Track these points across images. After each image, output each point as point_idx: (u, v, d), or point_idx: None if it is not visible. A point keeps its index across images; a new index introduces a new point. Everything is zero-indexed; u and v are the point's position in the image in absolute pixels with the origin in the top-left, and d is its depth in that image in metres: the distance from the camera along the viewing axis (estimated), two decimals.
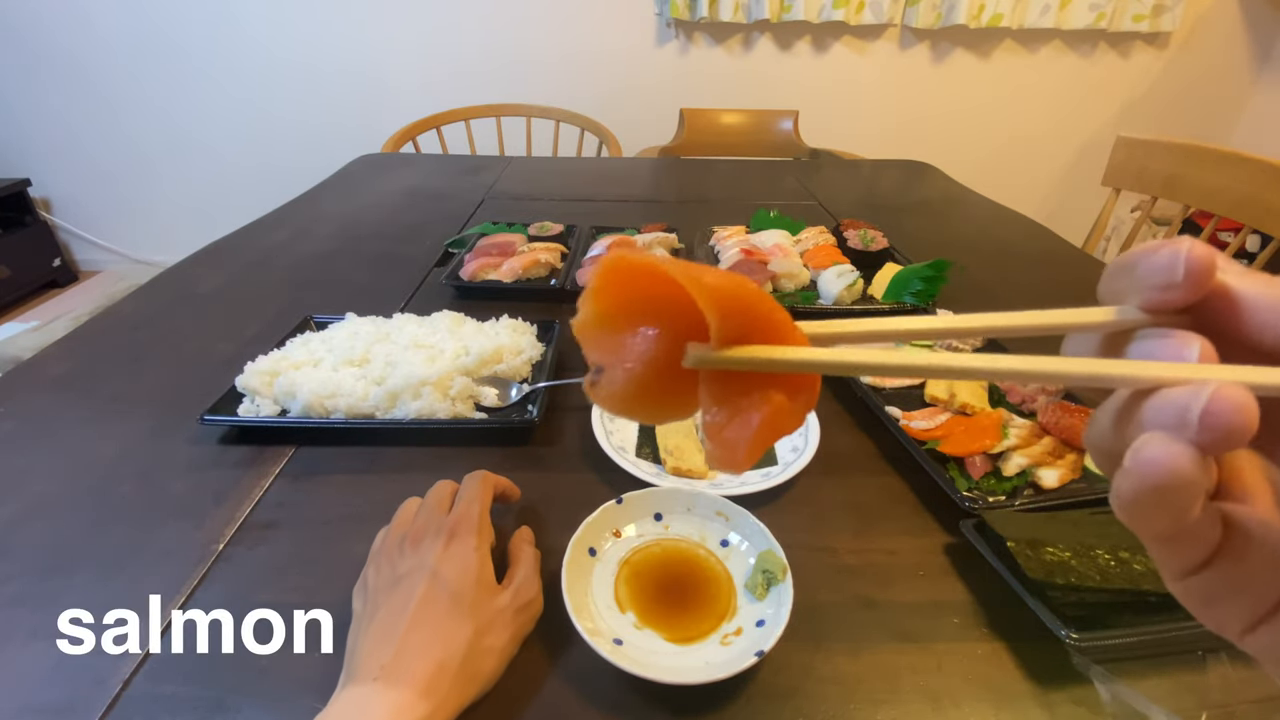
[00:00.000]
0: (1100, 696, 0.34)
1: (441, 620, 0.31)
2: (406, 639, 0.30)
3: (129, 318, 0.74)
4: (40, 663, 0.36)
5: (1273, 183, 0.94)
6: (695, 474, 0.49)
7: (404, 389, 0.53)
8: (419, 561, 0.34)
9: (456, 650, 0.30)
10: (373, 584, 0.35)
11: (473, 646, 0.31)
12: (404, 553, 0.35)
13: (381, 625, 0.31)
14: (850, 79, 2.32)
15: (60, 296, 2.47)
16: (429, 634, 0.30)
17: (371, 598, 0.34)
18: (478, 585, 0.33)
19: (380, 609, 0.32)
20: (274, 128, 2.38)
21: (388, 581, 0.34)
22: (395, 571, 0.34)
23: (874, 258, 0.84)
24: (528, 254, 0.82)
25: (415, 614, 0.31)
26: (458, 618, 0.32)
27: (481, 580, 0.34)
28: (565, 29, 2.22)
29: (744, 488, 0.47)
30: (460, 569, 0.33)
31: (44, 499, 0.47)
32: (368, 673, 0.29)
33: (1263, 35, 2.28)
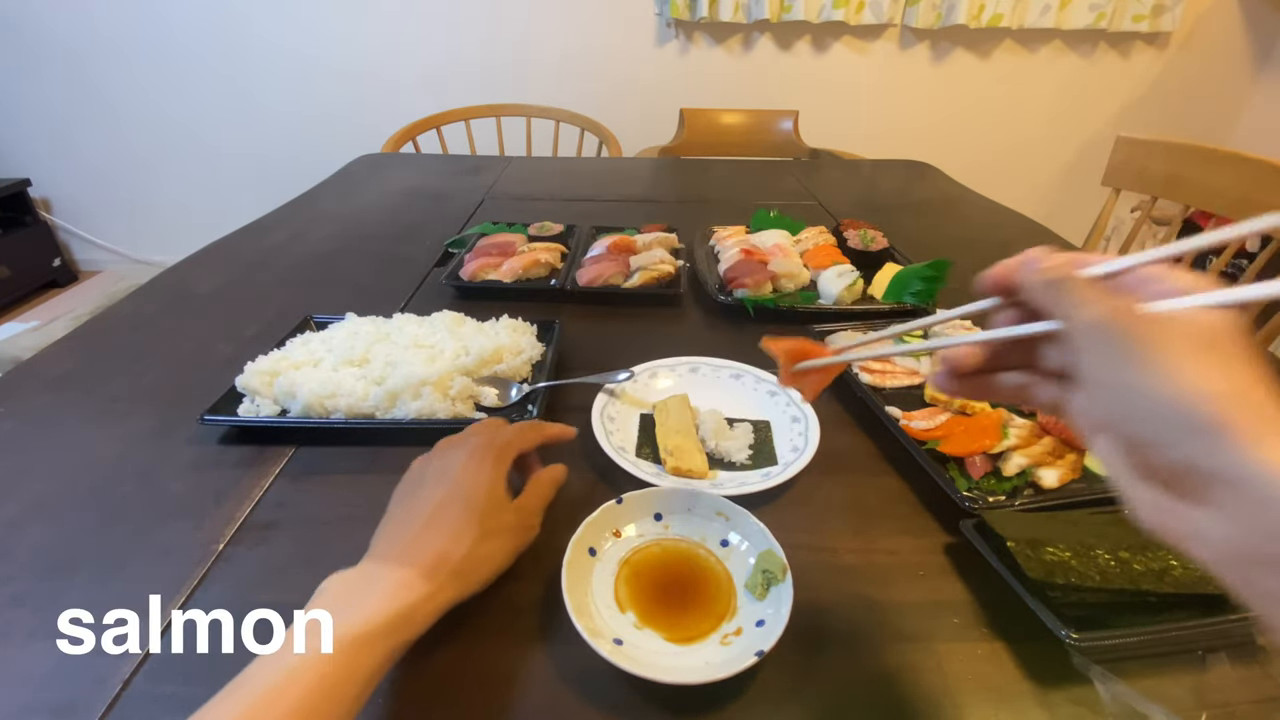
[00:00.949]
0: (1100, 696, 0.34)
1: (452, 520, 0.36)
2: (420, 532, 0.35)
3: (129, 318, 0.74)
4: (40, 663, 0.36)
5: (1273, 183, 0.94)
6: (695, 474, 0.49)
7: (404, 389, 0.53)
8: (444, 469, 0.39)
9: (459, 548, 0.35)
10: (408, 479, 0.41)
11: (474, 548, 0.36)
12: (433, 462, 0.41)
13: (402, 517, 0.37)
14: (850, 79, 2.32)
15: (60, 296, 2.47)
16: (439, 530, 0.35)
17: (400, 496, 0.39)
18: (488, 498, 0.38)
19: (403, 505, 0.38)
20: (274, 128, 2.38)
21: (414, 484, 0.40)
22: (423, 475, 0.40)
23: (874, 258, 0.84)
24: (528, 254, 0.82)
25: (432, 512, 0.36)
26: (466, 521, 0.36)
27: (492, 495, 0.38)
28: (565, 29, 2.22)
29: (744, 488, 0.47)
30: (475, 482, 0.38)
31: (44, 499, 0.47)
32: (381, 553, 0.35)
33: (1263, 35, 2.28)
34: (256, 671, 0.29)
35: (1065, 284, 0.24)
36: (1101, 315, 0.23)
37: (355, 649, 0.29)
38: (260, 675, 0.28)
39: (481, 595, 0.40)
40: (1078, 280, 0.24)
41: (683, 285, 0.79)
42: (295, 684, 0.28)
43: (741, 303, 0.75)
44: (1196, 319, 0.22)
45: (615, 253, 0.83)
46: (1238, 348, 0.21)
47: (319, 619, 0.30)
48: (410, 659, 0.36)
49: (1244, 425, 0.20)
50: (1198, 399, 0.20)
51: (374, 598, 0.32)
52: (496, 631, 0.38)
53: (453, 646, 0.37)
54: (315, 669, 0.28)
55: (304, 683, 0.28)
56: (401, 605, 0.32)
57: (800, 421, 0.55)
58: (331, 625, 0.30)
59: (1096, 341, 0.23)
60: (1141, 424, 0.22)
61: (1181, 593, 0.37)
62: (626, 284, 0.78)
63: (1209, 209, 1.03)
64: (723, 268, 0.81)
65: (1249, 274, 0.99)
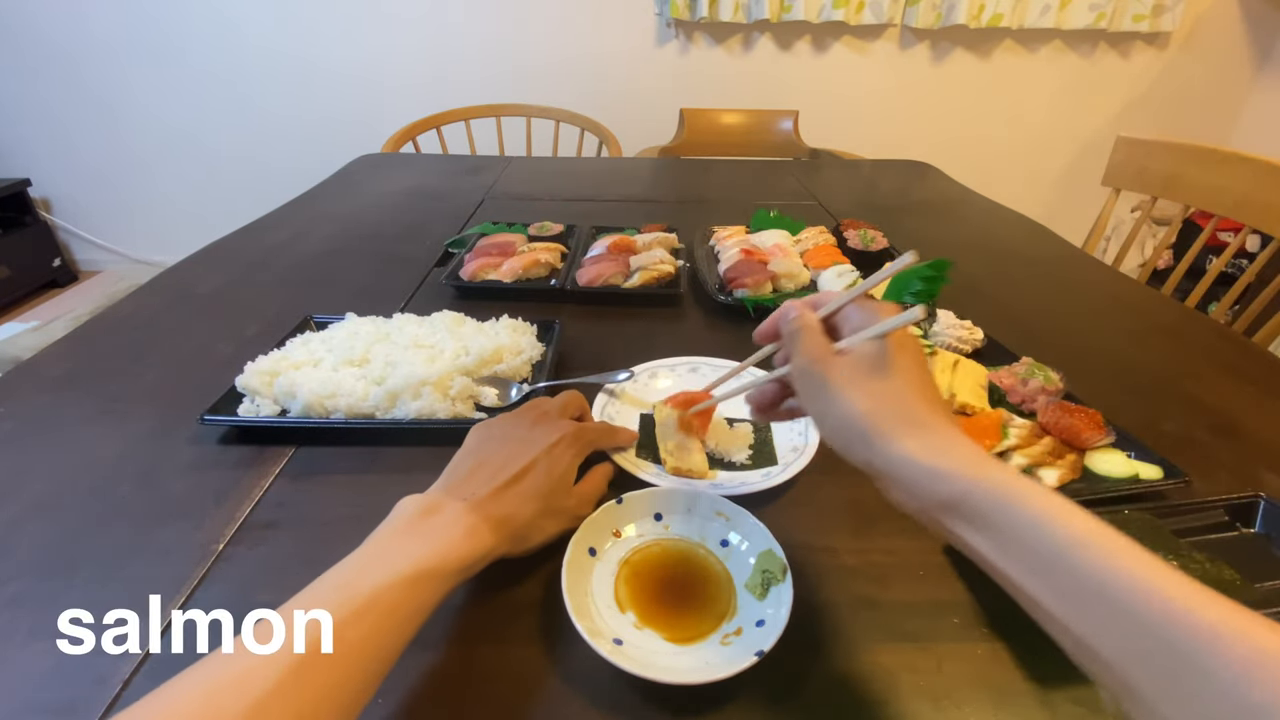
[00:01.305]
0: (1100, 696, 0.34)
1: (528, 488, 0.39)
2: (500, 487, 0.38)
3: (129, 318, 0.74)
4: (40, 663, 0.36)
5: (1273, 183, 0.94)
6: (695, 474, 0.49)
7: (404, 389, 0.53)
8: (534, 440, 0.42)
9: (525, 516, 0.38)
10: (497, 430, 0.43)
11: (535, 518, 0.39)
12: (530, 424, 0.44)
13: (486, 466, 0.40)
14: (850, 79, 2.32)
15: (60, 296, 2.47)
16: (516, 492, 0.39)
17: (490, 440, 0.43)
18: (560, 481, 0.41)
19: (495, 453, 0.41)
20: (274, 128, 2.38)
21: (503, 436, 0.43)
22: (517, 432, 0.43)
23: (874, 258, 0.84)
24: (528, 254, 0.82)
25: (516, 474, 0.39)
26: (536, 494, 0.39)
27: (565, 479, 0.42)
28: (565, 29, 2.22)
29: (744, 488, 0.47)
30: (557, 462, 0.41)
31: (44, 499, 0.47)
32: (458, 492, 0.38)
33: (1263, 35, 2.28)
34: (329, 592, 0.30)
35: (796, 335, 0.34)
36: (805, 361, 0.33)
37: (424, 582, 0.31)
38: (335, 599, 0.29)
39: (482, 595, 0.40)
40: (804, 329, 0.34)
41: (683, 285, 0.79)
42: (372, 609, 0.29)
43: (741, 303, 0.75)
44: (860, 352, 0.32)
45: (615, 253, 0.83)
46: (880, 372, 0.31)
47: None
48: (410, 659, 0.36)
49: (883, 429, 0.29)
50: (854, 416, 0.30)
51: (445, 537, 0.34)
52: (496, 631, 0.38)
53: (453, 646, 0.37)
54: (388, 598, 0.30)
55: (380, 609, 0.29)
56: (468, 552, 0.34)
57: (800, 420, 0.55)
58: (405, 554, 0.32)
59: (801, 380, 0.33)
60: (832, 435, 0.32)
61: None
62: (626, 284, 0.78)
63: (1209, 209, 1.03)
64: (723, 268, 0.81)
65: (1249, 273, 0.99)
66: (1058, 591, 0.24)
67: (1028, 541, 0.25)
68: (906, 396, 0.30)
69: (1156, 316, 0.81)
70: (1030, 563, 0.25)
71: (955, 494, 0.27)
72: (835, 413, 0.31)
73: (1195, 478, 0.47)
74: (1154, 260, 1.12)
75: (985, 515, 0.26)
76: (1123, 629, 0.22)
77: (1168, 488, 0.47)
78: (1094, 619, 0.23)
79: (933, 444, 0.29)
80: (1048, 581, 0.24)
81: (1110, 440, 0.50)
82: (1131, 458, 0.49)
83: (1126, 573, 0.23)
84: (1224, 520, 0.45)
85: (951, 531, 0.28)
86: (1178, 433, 0.57)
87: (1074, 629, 0.23)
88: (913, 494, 0.29)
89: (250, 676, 0.25)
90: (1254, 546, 0.43)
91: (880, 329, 0.32)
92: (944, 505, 0.28)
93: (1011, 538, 0.26)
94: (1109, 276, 0.92)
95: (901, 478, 0.29)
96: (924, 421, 0.30)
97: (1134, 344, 0.73)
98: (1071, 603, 0.24)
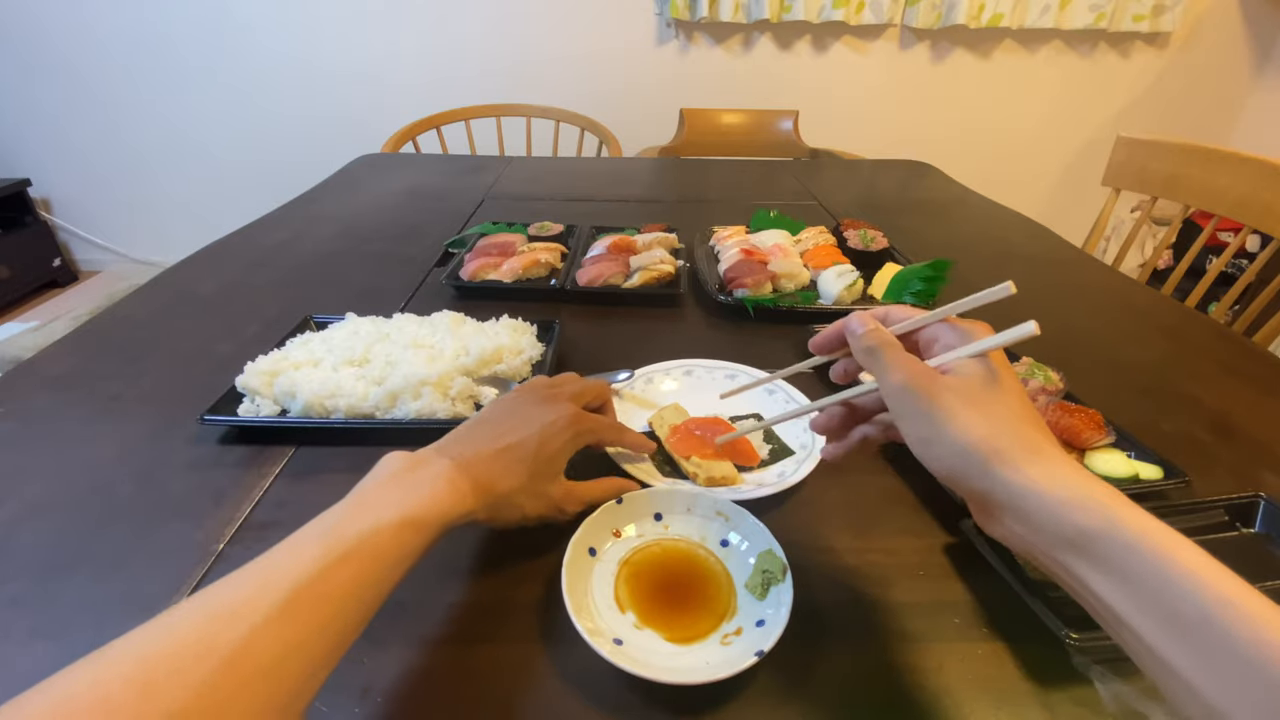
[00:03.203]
0: (1100, 696, 0.34)
1: (512, 460, 0.39)
2: (490, 453, 0.39)
3: (129, 318, 0.74)
4: (40, 663, 0.36)
5: (1273, 183, 0.94)
6: (730, 481, 0.48)
7: (404, 389, 0.53)
8: (538, 415, 0.42)
9: (506, 486, 0.38)
10: (508, 402, 0.44)
11: (513, 492, 0.39)
12: (538, 400, 0.44)
13: (483, 432, 0.40)
14: (850, 79, 2.32)
15: (60, 296, 2.47)
16: (503, 461, 0.39)
17: (498, 408, 0.43)
18: (547, 462, 0.41)
19: (489, 422, 0.41)
20: (274, 128, 2.38)
21: (509, 409, 0.43)
22: (523, 408, 0.43)
23: (874, 258, 0.84)
24: (528, 254, 0.82)
25: (507, 445, 0.39)
26: (521, 471, 0.39)
27: (553, 463, 0.41)
28: (565, 29, 2.22)
29: (759, 492, 0.47)
30: (546, 443, 0.41)
31: (44, 499, 0.47)
32: (451, 451, 0.38)
33: (1263, 35, 2.28)
34: (317, 537, 0.30)
35: (878, 351, 0.32)
36: (903, 380, 0.30)
37: (409, 530, 0.32)
38: (323, 542, 0.30)
39: (482, 595, 0.40)
40: (886, 346, 0.32)
41: (683, 285, 0.79)
42: (358, 553, 0.30)
43: (741, 303, 0.75)
44: (967, 372, 0.30)
45: (615, 253, 0.83)
46: (994, 393, 0.29)
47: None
48: (411, 658, 0.36)
49: (1005, 456, 0.27)
50: (971, 442, 0.28)
51: (429, 489, 0.34)
52: (496, 631, 0.38)
53: (453, 646, 0.37)
54: (373, 543, 0.30)
55: (365, 553, 0.30)
56: (449, 507, 0.34)
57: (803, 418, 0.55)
58: (391, 503, 0.33)
59: (902, 402, 0.30)
60: (940, 462, 0.29)
61: None
62: (626, 284, 0.78)
63: (1209, 209, 1.03)
64: (723, 268, 0.81)
65: (1249, 273, 0.99)
66: (1198, 654, 0.22)
67: (1170, 598, 0.23)
68: (1023, 420, 0.28)
69: (1156, 316, 0.81)
70: (1170, 622, 0.23)
71: (1089, 532, 0.25)
72: (947, 438, 0.28)
73: (1195, 478, 0.47)
74: (1154, 260, 1.12)
75: (1120, 561, 0.24)
76: (1269, 701, 0.20)
77: (1168, 488, 0.47)
78: (1235, 688, 0.21)
79: (1059, 475, 0.26)
80: (1187, 643, 0.22)
81: (1110, 440, 0.50)
82: (1131, 458, 0.49)
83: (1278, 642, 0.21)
84: (1224, 520, 0.45)
85: (1071, 572, 0.25)
86: (1177, 433, 0.57)
87: (1209, 695, 0.21)
88: (1036, 527, 0.26)
89: (244, 608, 0.26)
90: (1254, 546, 0.43)
91: (987, 344, 0.30)
92: (1072, 543, 0.25)
93: (1149, 590, 0.23)
94: (1109, 276, 0.92)
95: (1025, 509, 0.26)
96: (1043, 449, 0.28)
97: (1134, 344, 0.73)
98: (1211, 668, 0.22)
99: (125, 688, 0.22)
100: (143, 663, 0.23)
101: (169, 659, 0.24)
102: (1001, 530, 0.28)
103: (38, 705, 0.22)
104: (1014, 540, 0.28)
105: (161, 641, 0.24)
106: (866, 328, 0.33)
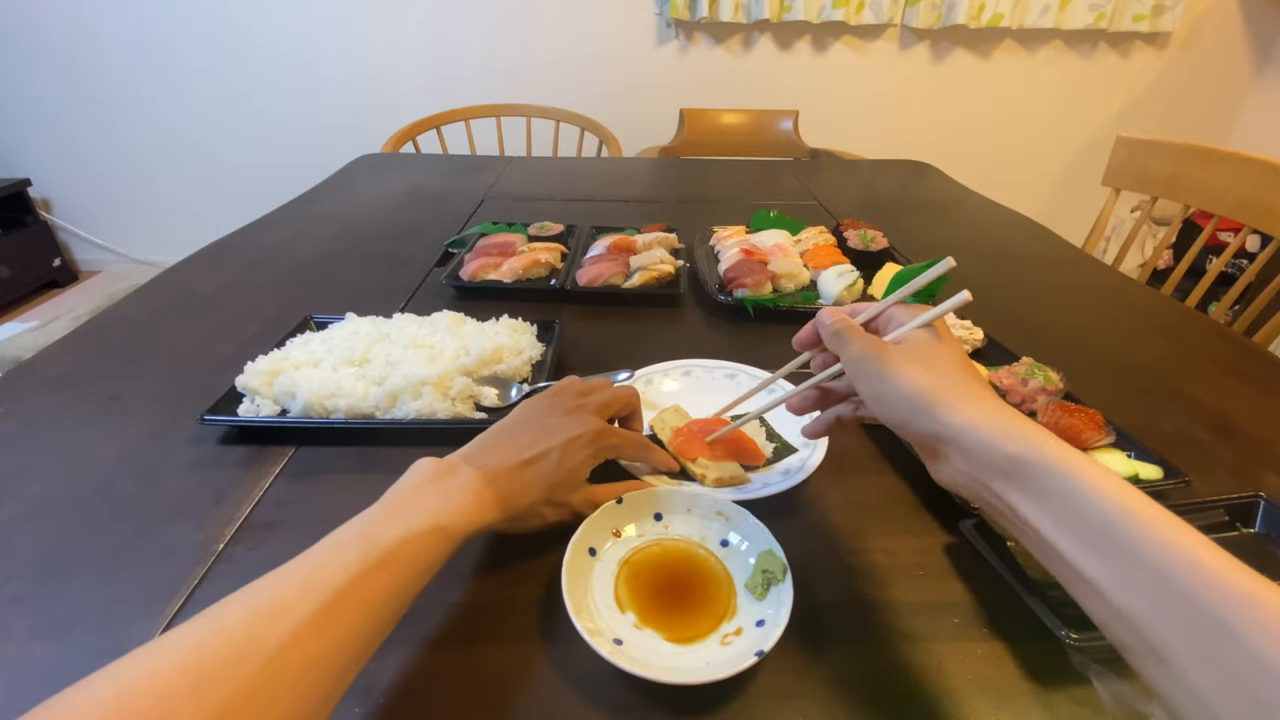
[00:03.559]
0: (1100, 696, 0.34)
1: (535, 475, 0.40)
2: (514, 468, 0.39)
3: (129, 318, 0.74)
4: (40, 663, 0.36)
5: (1273, 183, 0.94)
6: (738, 481, 0.48)
7: (404, 389, 0.53)
8: (563, 428, 0.42)
9: (528, 500, 0.39)
10: (535, 410, 0.44)
11: (535, 504, 0.40)
12: (565, 412, 0.44)
13: (510, 442, 0.41)
14: (850, 79, 2.32)
15: (60, 296, 2.47)
16: (526, 474, 0.40)
17: (524, 417, 0.44)
18: (569, 476, 0.41)
19: (516, 430, 0.42)
20: (274, 128, 2.38)
21: (534, 419, 0.43)
22: (548, 419, 0.43)
23: (874, 258, 0.84)
24: (528, 254, 0.82)
25: (530, 458, 0.40)
26: (543, 482, 0.40)
27: (575, 475, 0.42)
28: (565, 29, 2.22)
29: (767, 489, 0.47)
30: (568, 457, 0.41)
31: (44, 499, 0.47)
32: (478, 460, 0.39)
33: (1263, 35, 2.28)
34: (353, 540, 0.31)
35: (841, 333, 0.36)
36: (859, 350, 0.35)
37: (439, 537, 0.33)
38: (359, 546, 0.31)
39: (482, 595, 0.40)
40: (847, 328, 0.36)
41: (683, 285, 0.79)
42: (394, 559, 0.31)
43: (741, 303, 0.75)
44: (912, 339, 0.35)
45: (615, 253, 0.83)
46: (935, 352, 0.34)
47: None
48: (411, 658, 0.36)
49: (946, 399, 0.31)
50: (916, 390, 0.32)
51: (458, 499, 0.36)
52: (496, 631, 0.38)
53: (453, 646, 0.37)
54: (407, 549, 0.32)
55: (400, 559, 0.31)
56: (475, 517, 0.36)
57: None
58: (424, 509, 0.34)
59: (858, 367, 0.35)
60: (893, 413, 0.34)
61: None
62: (626, 284, 0.78)
63: (1209, 209, 1.03)
64: (723, 268, 0.81)
65: (1249, 273, 0.99)
66: (1102, 558, 0.25)
67: (1081, 511, 0.26)
68: (961, 371, 0.33)
69: (1156, 316, 0.81)
70: (1080, 532, 0.26)
71: (1019, 458, 0.28)
72: (896, 390, 0.33)
73: (1195, 478, 0.47)
74: (1154, 260, 1.12)
75: (1043, 483, 0.27)
76: (1161, 594, 0.23)
77: (1168, 488, 0.47)
78: (1134, 584, 0.24)
79: (993, 413, 0.30)
80: (1093, 550, 0.25)
81: (1110, 440, 0.50)
82: (1131, 458, 0.49)
83: (1169, 541, 0.23)
84: (1224, 520, 0.45)
85: (1003, 499, 0.29)
86: (1177, 433, 0.57)
87: (1113, 595, 0.24)
88: (975, 459, 0.30)
89: (289, 607, 0.27)
90: (1254, 546, 0.43)
91: (930, 315, 0.35)
92: (1005, 472, 0.29)
93: (1066, 507, 0.26)
94: (1109, 276, 0.92)
95: (966, 443, 0.30)
96: (981, 394, 0.32)
97: (1134, 344, 0.73)
98: (1114, 569, 0.25)
99: (181, 678, 0.24)
100: (198, 654, 0.25)
101: (219, 653, 0.25)
102: (949, 470, 0.32)
103: (101, 690, 0.23)
104: (960, 477, 0.31)
105: (214, 636, 0.26)
106: (834, 318, 0.37)
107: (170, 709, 0.23)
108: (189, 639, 0.25)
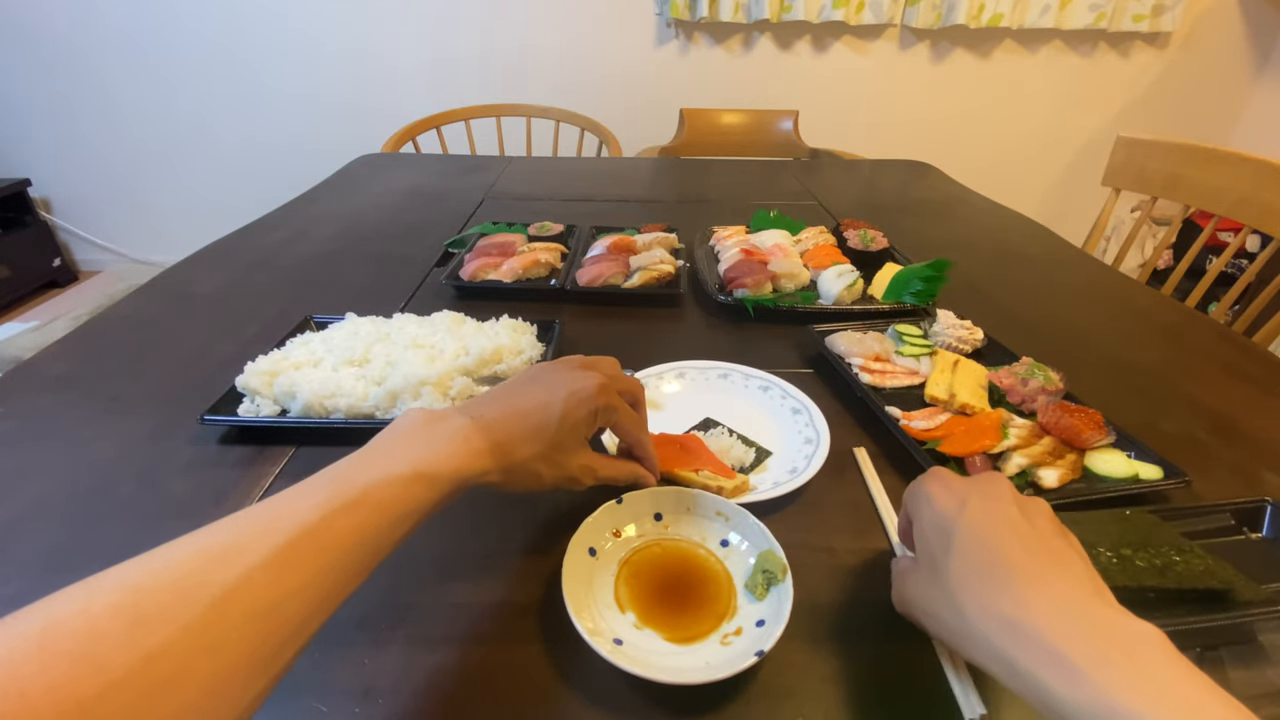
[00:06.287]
0: None
1: (533, 425, 0.38)
2: (511, 416, 0.38)
3: (129, 318, 0.74)
4: None
5: (1273, 183, 0.94)
6: (743, 489, 0.47)
7: (404, 389, 0.53)
8: (566, 382, 0.41)
9: (524, 452, 0.37)
10: (541, 367, 0.43)
11: (531, 459, 0.38)
12: (571, 368, 0.43)
13: (508, 395, 0.40)
14: (850, 79, 2.32)
15: (60, 296, 2.47)
16: (522, 426, 0.38)
17: (529, 373, 0.43)
18: (570, 431, 0.39)
19: (516, 386, 0.41)
20: (274, 128, 2.38)
21: (539, 374, 0.42)
22: (553, 375, 0.42)
23: (874, 258, 0.84)
24: (528, 254, 0.82)
25: (530, 408, 0.39)
26: (540, 434, 0.38)
27: (574, 431, 0.40)
28: (565, 29, 2.22)
29: (776, 489, 0.47)
30: (570, 411, 0.39)
31: (44, 499, 0.47)
32: (472, 411, 0.37)
33: (1263, 35, 2.28)
34: (325, 483, 0.30)
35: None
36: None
37: (419, 483, 0.32)
38: (329, 489, 0.29)
39: (482, 595, 0.40)
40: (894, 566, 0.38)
41: (683, 285, 0.79)
42: (364, 503, 0.29)
43: (741, 303, 0.75)
44: (914, 558, 0.36)
45: (615, 253, 0.83)
46: (933, 570, 0.33)
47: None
48: (411, 659, 0.36)
49: (934, 617, 0.33)
50: (917, 612, 0.34)
51: (445, 444, 0.34)
52: (496, 631, 0.38)
53: (453, 646, 0.37)
54: (379, 493, 0.30)
55: (371, 503, 0.29)
56: (464, 464, 0.34)
57: (802, 413, 0.55)
58: (403, 455, 0.33)
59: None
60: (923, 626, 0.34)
61: (1184, 588, 0.37)
62: (626, 284, 0.78)
63: (1209, 209, 1.03)
64: (723, 268, 0.81)
65: (1249, 273, 0.99)
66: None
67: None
68: (963, 577, 0.32)
69: (1156, 316, 0.81)
70: None
71: (1011, 663, 0.28)
72: (913, 606, 0.35)
73: (1195, 478, 0.47)
74: (1154, 260, 1.12)
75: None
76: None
77: (1168, 488, 0.47)
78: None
79: (985, 619, 0.30)
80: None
81: (1110, 440, 0.50)
82: (1131, 458, 0.49)
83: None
84: (1231, 525, 0.44)
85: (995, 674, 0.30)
86: (1177, 433, 0.57)
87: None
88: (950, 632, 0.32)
89: (242, 548, 0.26)
90: (1261, 551, 0.43)
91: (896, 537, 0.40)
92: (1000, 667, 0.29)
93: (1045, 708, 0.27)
94: (1109, 276, 0.92)
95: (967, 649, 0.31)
96: (965, 609, 0.31)
97: (1134, 344, 0.73)
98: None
99: (114, 617, 0.22)
100: (135, 593, 0.23)
101: (159, 593, 0.23)
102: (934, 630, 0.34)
103: (25, 625, 0.21)
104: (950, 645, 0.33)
105: (156, 575, 0.24)
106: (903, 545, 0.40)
107: (100, 651, 0.21)
108: (129, 576, 0.24)
